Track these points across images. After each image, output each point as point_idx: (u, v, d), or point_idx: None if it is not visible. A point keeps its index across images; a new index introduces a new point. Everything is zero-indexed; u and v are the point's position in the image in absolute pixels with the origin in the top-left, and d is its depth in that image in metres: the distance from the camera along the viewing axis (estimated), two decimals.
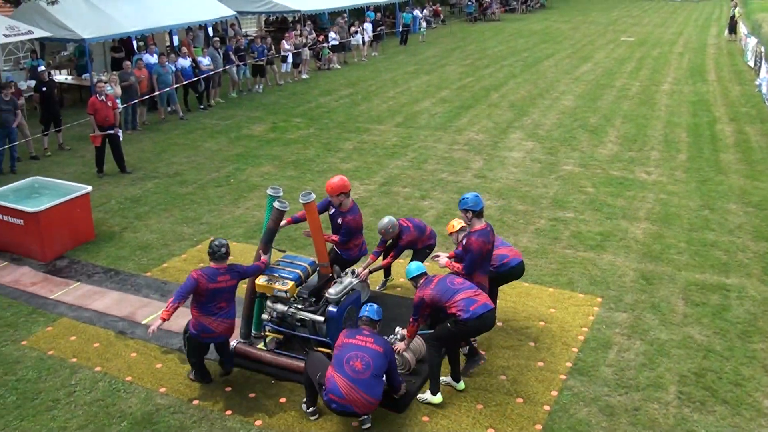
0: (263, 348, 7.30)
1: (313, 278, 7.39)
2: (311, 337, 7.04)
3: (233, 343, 7.16)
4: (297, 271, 7.18)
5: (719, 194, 11.86)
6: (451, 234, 7.30)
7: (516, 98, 19.80)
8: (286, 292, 6.99)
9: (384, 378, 6.13)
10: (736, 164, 13.47)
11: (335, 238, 7.79)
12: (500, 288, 7.72)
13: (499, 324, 7.67)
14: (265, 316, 7.21)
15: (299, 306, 7.07)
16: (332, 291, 6.98)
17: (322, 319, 6.93)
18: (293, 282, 7.05)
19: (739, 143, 14.88)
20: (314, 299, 7.17)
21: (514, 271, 7.48)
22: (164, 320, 6.26)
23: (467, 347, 7.08)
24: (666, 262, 9.41)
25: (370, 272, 8.07)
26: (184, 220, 11.08)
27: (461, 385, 6.77)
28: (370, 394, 5.90)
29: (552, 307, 8.23)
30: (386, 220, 7.93)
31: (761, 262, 9.39)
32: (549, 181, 12.62)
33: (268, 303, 7.16)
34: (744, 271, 9.14)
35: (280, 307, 7.08)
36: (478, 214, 6.74)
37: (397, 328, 7.04)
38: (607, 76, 23.28)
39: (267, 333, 7.32)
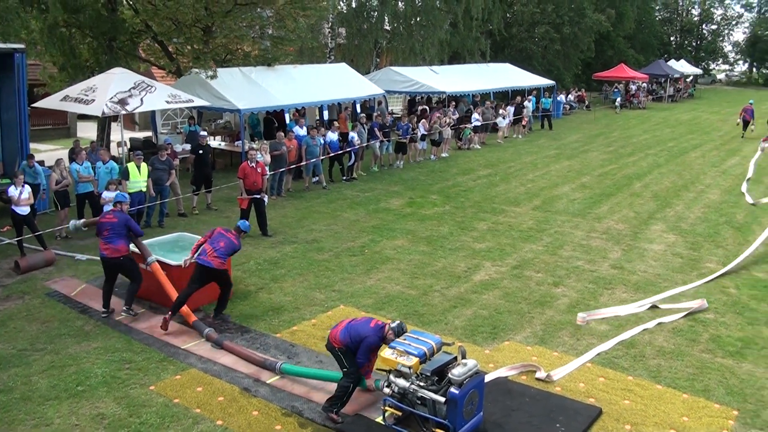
0: (381, 422, 7.21)
1: (438, 357, 7.26)
2: (430, 417, 6.89)
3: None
4: (423, 348, 7.09)
5: None
6: None
7: (659, 189, 19.08)
8: (409, 368, 6.92)
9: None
10: None
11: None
12: (630, 389, 7.29)
13: (627, 427, 7.30)
14: (386, 390, 7.15)
15: (421, 384, 6.96)
16: (456, 372, 6.82)
17: (443, 399, 6.77)
18: (418, 358, 6.96)
19: None
20: (437, 378, 7.04)
21: None
22: None
23: None
24: None
25: None
26: (317, 286, 11.33)
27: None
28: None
29: (685, 416, 7.60)
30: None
31: None
32: (690, 277, 11.88)
33: (391, 377, 7.10)
34: None
35: (402, 382, 6.99)
36: None
37: None
38: (757, 171, 21.96)
39: (386, 408, 7.23)
